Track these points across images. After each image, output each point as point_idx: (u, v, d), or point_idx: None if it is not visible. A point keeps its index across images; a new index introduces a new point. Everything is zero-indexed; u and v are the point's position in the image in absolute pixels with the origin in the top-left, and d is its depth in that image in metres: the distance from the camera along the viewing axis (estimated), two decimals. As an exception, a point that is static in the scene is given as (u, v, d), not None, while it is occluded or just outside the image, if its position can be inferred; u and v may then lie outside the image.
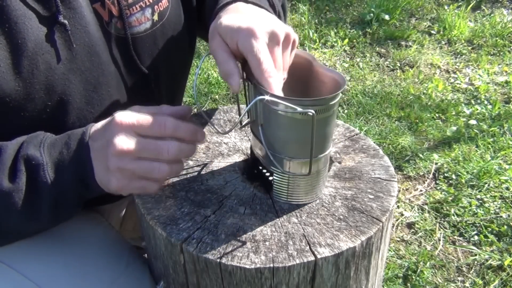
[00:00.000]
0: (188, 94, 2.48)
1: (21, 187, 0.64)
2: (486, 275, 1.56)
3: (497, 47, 2.92)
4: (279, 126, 0.65)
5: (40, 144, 0.66)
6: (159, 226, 0.67)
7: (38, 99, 0.69)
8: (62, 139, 0.67)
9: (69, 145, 0.66)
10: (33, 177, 0.64)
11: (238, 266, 0.61)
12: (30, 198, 0.65)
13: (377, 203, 0.72)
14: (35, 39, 0.67)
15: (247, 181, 0.76)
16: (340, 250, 0.63)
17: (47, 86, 0.70)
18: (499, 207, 1.81)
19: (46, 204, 0.66)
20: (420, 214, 1.81)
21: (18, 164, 0.65)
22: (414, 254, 1.64)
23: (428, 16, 3.25)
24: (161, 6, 0.82)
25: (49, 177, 0.65)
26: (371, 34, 3.03)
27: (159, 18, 0.82)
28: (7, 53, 0.65)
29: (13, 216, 0.65)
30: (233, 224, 0.67)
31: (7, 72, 0.66)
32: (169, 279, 0.73)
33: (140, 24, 0.79)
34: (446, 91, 2.52)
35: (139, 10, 0.79)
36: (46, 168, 0.64)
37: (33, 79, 0.68)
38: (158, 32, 0.83)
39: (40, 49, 0.68)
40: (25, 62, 0.67)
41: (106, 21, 0.76)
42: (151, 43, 0.82)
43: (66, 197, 0.67)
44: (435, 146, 2.16)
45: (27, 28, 0.66)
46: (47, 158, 0.65)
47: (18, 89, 0.67)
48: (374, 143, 0.85)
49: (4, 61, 0.65)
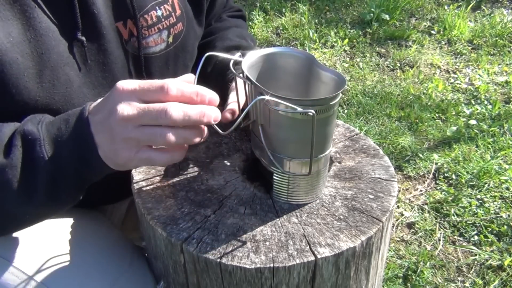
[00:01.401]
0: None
1: (15, 162, 0.61)
2: (486, 275, 1.56)
3: (497, 47, 2.92)
4: (279, 126, 0.65)
5: (39, 122, 0.64)
6: (159, 226, 0.67)
7: (56, 110, 0.71)
8: (61, 117, 0.65)
9: (68, 121, 0.63)
10: (29, 152, 0.62)
11: (238, 266, 0.61)
12: (25, 175, 0.62)
13: (377, 203, 0.72)
14: (57, 51, 0.70)
15: (247, 181, 0.76)
16: (340, 250, 0.63)
17: (66, 98, 0.72)
18: (499, 207, 1.81)
19: (42, 181, 0.62)
20: (420, 214, 1.81)
21: (13, 140, 0.62)
22: (414, 254, 1.64)
23: (428, 16, 3.25)
24: (176, 29, 0.87)
25: (45, 152, 0.62)
26: (371, 34, 3.03)
27: (174, 41, 0.87)
28: (31, 63, 0.67)
29: (8, 196, 0.62)
30: (233, 224, 0.67)
31: (30, 82, 0.67)
32: (169, 279, 0.73)
33: (156, 45, 0.84)
34: (446, 91, 2.52)
35: (157, 31, 0.83)
36: (43, 143, 0.62)
37: (54, 90, 0.70)
38: (171, 53, 0.87)
39: (62, 61, 0.70)
40: (47, 73, 0.69)
41: (126, 39, 0.80)
42: (163, 63, 0.87)
43: (64, 174, 0.63)
44: (435, 146, 2.16)
45: (51, 40, 0.69)
46: (44, 134, 0.63)
47: (38, 99, 0.69)
48: (374, 143, 0.85)
49: (28, 71, 0.67)
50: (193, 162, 0.80)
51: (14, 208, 0.64)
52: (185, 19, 0.89)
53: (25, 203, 0.63)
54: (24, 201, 0.63)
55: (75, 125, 0.63)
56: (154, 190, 0.73)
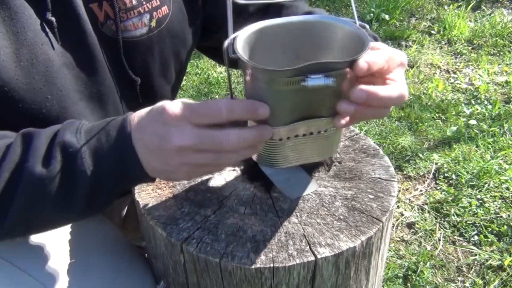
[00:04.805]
0: (188, 94, 2.48)
1: (55, 175, 0.60)
2: (486, 275, 1.56)
3: (497, 47, 2.92)
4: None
5: (77, 131, 0.63)
6: (159, 226, 0.67)
7: (38, 91, 0.68)
8: (100, 126, 0.63)
9: (109, 132, 0.62)
10: (69, 164, 0.61)
11: (238, 266, 0.62)
12: (65, 187, 0.61)
13: (377, 203, 0.72)
14: (34, 29, 0.67)
15: (247, 181, 0.76)
16: (340, 250, 0.63)
17: (47, 78, 0.69)
18: (499, 207, 1.81)
19: (81, 193, 0.62)
20: (420, 214, 1.81)
21: (53, 151, 0.61)
22: (414, 254, 1.64)
23: (428, 16, 3.25)
24: (160, 13, 0.82)
25: (86, 165, 0.60)
26: (371, 34, 3.03)
27: (157, 25, 0.82)
28: (7, 42, 0.65)
29: (45, 206, 0.62)
30: (233, 224, 0.67)
31: (7, 61, 0.65)
32: (169, 279, 0.73)
33: (136, 29, 0.80)
34: (446, 91, 2.52)
35: (137, 15, 0.79)
36: (84, 156, 0.61)
37: (33, 69, 0.68)
38: (154, 38, 0.83)
39: (39, 39, 0.68)
40: (25, 51, 0.66)
41: (101, 21, 0.76)
42: (146, 49, 0.82)
43: (103, 187, 0.62)
44: (435, 146, 2.16)
45: (26, 18, 0.67)
46: (84, 145, 0.61)
47: (17, 79, 0.66)
48: (374, 143, 0.85)
49: (4, 49, 0.65)
50: (193, 162, 0.80)
51: (48, 216, 0.64)
52: (171, 2, 0.84)
53: (61, 212, 0.63)
54: (61, 211, 0.63)
55: (116, 139, 0.61)
56: (154, 190, 0.73)
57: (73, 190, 0.61)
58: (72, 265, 0.73)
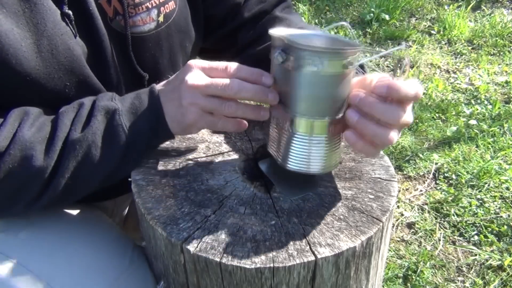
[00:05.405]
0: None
1: (96, 132, 0.68)
2: (486, 275, 1.56)
3: (497, 47, 2.92)
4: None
5: (112, 98, 0.72)
6: (159, 226, 0.67)
7: (58, 79, 0.72)
8: (131, 94, 0.73)
9: (140, 97, 0.72)
10: (109, 123, 0.69)
11: (238, 266, 0.62)
12: (104, 141, 0.69)
13: (377, 203, 0.72)
14: (53, 20, 0.70)
15: (247, 181, 0.76)
16: (340, 250, 0.63)
17: (66, 67, 0.72)
18: (499, 207, 1.81)
19: (116, 149, 0.69)
20: (420, 214, 1.81)
21: (94, 112, 0.69)
22: (414, 254, 1.64)
23: (428, 16, 3.26)
24: (168, 8, 0.84)
25: (124, 123, 0.69)
26: (371, 34, 3.04)
27: (165, 20, 0.83)
28: (27, 33, 0.68)
29: (86, 163, 0.68)
30: (233, 224, 0.67)
31: (28, 52, 0.68)
32: (169, 279, 0.73)
33: (144, 24, 0.81)
34: (446, 91, 2.52)
35: (145, 10, 0.80)
36: (121, 114, 0.70)
37: (53, 59, 0.70)
38: (162, 33, 0.84)
39: (59, 30, 0.70)
40: (45, 42, 0.69)
41: (111, 17, 0.78)
42: (154, 44, 0.84)
43: (138, 143, 0.71)
44: (435, 146, 2.16)
45: (45, 10, 0.69)
46: (121, 106, 0.70)
47: (38, 69, 0.69)
48: (374, 143, 0.85)
49: (25, 40, 0.67)
50: (193, 162, 0.80)
51: (87, 175, 0.70)
52: None
53: (98, 169, 0.70)
54: (97, 168, 0.70)
55: (148, 100, 0.71)
56: (154, 190, 0.73)
57: (112, 144, 0.69)
58: (73, 263, 0.73)
